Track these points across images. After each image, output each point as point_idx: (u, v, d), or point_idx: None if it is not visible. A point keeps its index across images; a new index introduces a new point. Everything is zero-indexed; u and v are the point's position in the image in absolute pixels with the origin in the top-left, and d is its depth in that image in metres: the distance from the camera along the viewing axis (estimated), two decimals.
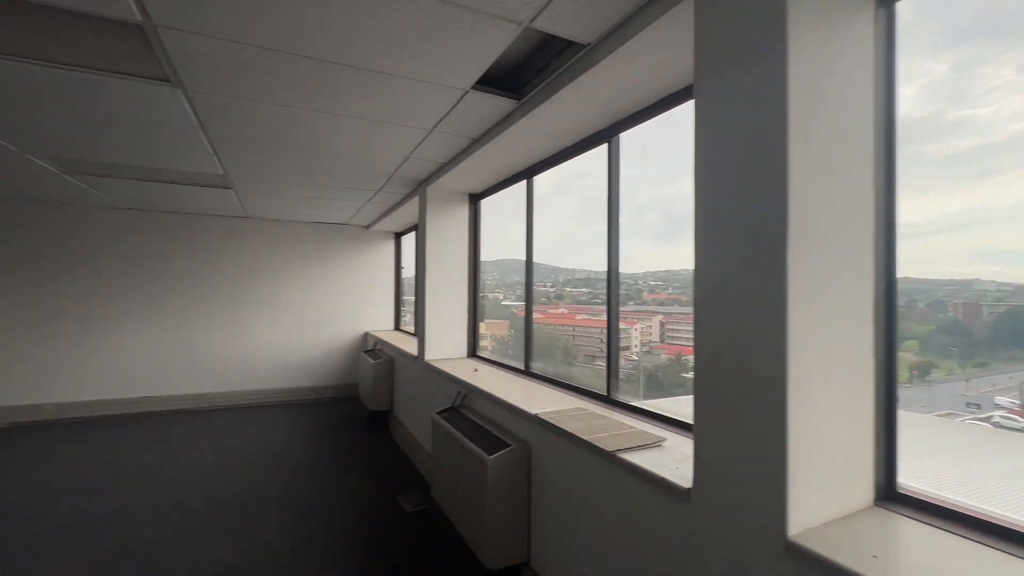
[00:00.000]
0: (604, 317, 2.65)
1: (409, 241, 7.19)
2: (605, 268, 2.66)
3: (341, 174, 4.08)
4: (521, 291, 3.88)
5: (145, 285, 5.90)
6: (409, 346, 5.12)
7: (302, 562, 2.74)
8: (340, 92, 2.45)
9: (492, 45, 1.99)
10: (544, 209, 3.72)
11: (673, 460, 1.68)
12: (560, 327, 3.81)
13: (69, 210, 5.56)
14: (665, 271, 3.25)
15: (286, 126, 2.94)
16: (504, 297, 4.76)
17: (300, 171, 4.00)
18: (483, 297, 4.46)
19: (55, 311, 5.51)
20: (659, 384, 2.91)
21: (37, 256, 5.45)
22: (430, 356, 4.16)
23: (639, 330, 3.17)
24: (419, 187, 4.40)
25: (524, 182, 3.56)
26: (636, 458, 1.71)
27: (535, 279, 3.58)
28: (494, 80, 2.42)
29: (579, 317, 3.85)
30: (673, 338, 3.03)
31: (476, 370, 3.64)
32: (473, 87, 2.39)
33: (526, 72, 2.40)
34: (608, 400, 2.57)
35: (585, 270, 4.03)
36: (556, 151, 3.11)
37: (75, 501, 3.46)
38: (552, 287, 4.29)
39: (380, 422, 5.44)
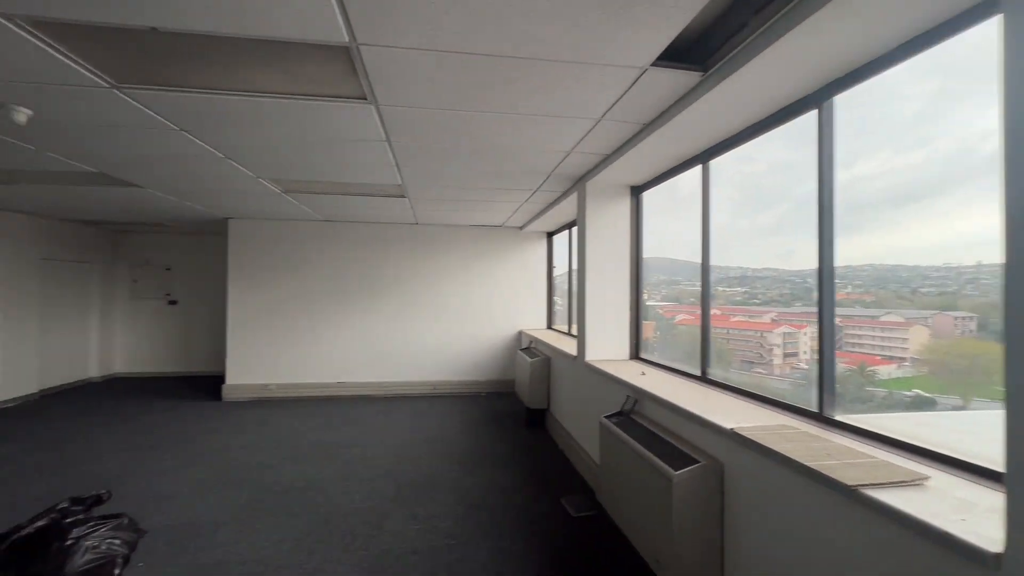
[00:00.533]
0: (765, 319, 2.20)
1: (560, 241, 7.17)
2: (766, 265, 2.30)
3: (503, 175, 4.17)
4: (667, 291, 3.85)
5: (338, 288, 6.83)
6: (565, 345, 5.06)
7: (478, 553, 2.82)
8: (511, 87, 2.43)
9: (685, 8, 1.76)
10: (688, 203, 3.52)
11: (950, 507, 1.28)
12: (714, 330, 3.51)
13: (288, 225, 6.70)
14: (843, 267, 3.01)
15: (457, 130, 3.06)
16: (648, 297, 4.44)
17: (466, 175, 4.19)
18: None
19: (280, 308, 6.68)
20: (838, 398, 2.40)
21: (268, 265, 6.67)
22: (591, 356, 4.02)
23: (808, 334, 2.89)
24: (577, 183, 4.30)
25: (698, 168, 3.22)
26: (892, 499, 1.34)
27: (679, 277, 3.20)
28: (674, 53, 2.18)
29: (734, 319, 3.66)
30: (855, 345, 2.66)
31: (643, 373, 3.39)
32: (653, 64, 2.18)
33: (714, 38, 2.11)
34: (821, 418, 2.14)
35: (740, 267, 3.81)
36: (739, 129, 2.73)
37: (291, 468, 4.09)
38: (699, 286, 3.97)
39: (537, 420, 5.48)
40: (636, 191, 4.12)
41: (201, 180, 4.39)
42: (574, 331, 5.83)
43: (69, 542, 2.55)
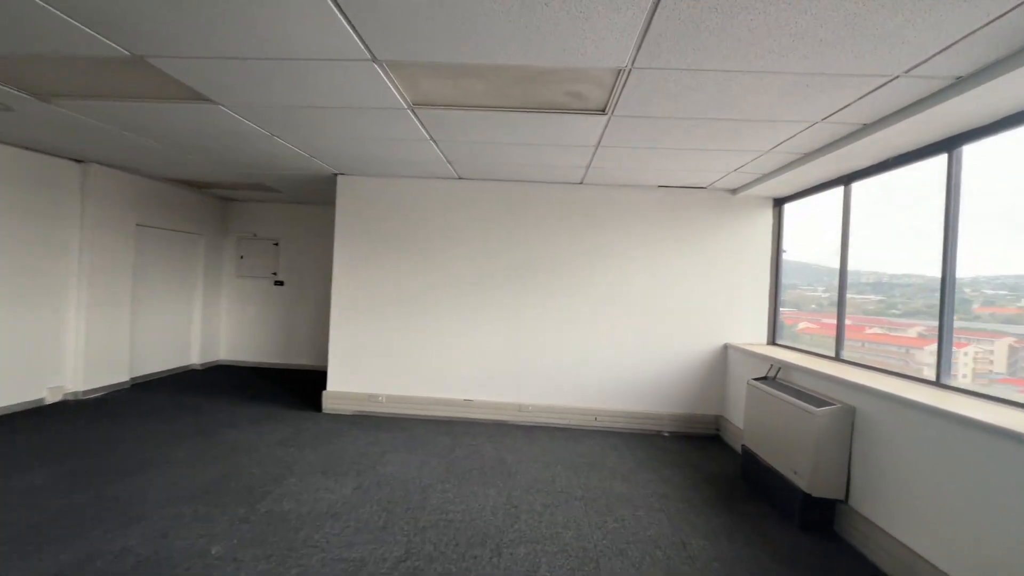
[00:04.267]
0: (910, 333, 3.10)
1: (798, 210, 4.68)
2: (905, 271, 3.06)
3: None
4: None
5: (472, 273, 5.00)
6: (884, 383, 2.71)
7: None
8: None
9: None
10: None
11: None
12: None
13: (411, 185, 5.01)
14: (1015, 276, 2.59)
15: None
16: None
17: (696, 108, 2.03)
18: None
19: (397, 297, 5.03)
20: None
21: (383, 238, 5.04)
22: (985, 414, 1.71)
23: (971, 355, 2.72)
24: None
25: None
26: None
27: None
28: None
29: (869, 331, 3.65)
30: None
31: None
32: None
33: None
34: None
35: (874, 272, 3.73)
36: None
37: (389, 494, 2.23)
38: (825, 291, 4.10)
39: (822, 514, 3.11)
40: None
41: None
42: (849, 354, 3.42)
43: None
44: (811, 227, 4.63)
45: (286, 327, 7.21)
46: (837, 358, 3.71)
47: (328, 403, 5.02)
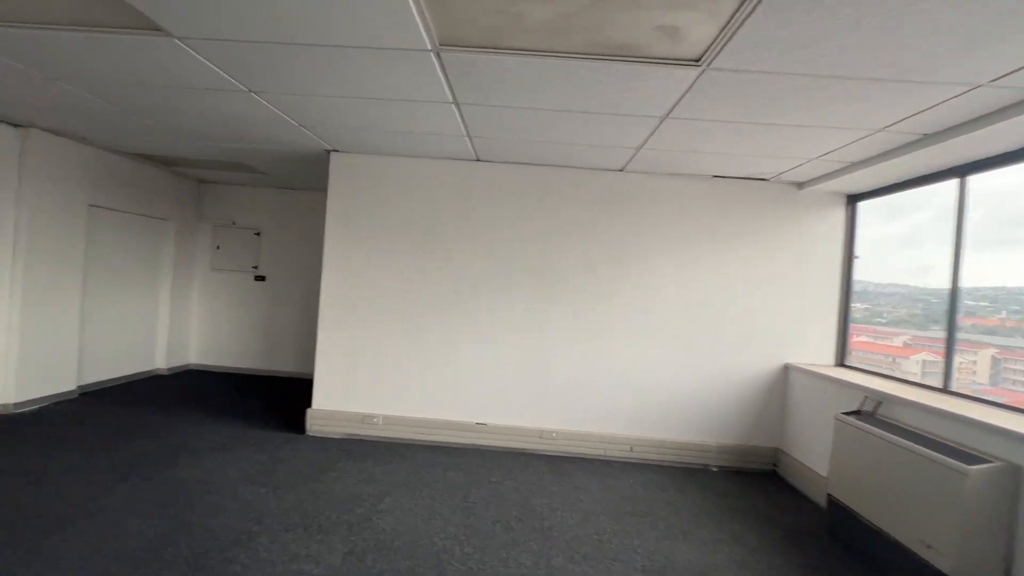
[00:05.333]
0: (893, 342, 3.41)
1: (873, 209, 3.98)
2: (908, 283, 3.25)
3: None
4: None
5: (488, 275, 4.22)
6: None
7: None
8: None
9: None
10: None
11: None
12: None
13: (418, 166, 4.21)
14: (995, 288, 2.74)
15: None
16: None
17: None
18: None
19: (396, 299, 4.23)
20: None
21: (383, 228, 4.24)
22: None
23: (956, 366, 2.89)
24: None
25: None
26: None
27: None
28: None
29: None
30: (1017, 382, 2.54)
31: None
32: None
33: None
34: None
35: (860, 281, 3.98)
36: None
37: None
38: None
39: None
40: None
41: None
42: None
43: None
44: (889, 228, 3.95)
45: (267, 328, 6.35)
46: (946, 390, 3.01)
47: (313, 424, 4.20)
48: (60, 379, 4.60)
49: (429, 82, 2.58)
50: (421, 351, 4.21)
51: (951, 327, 2.96)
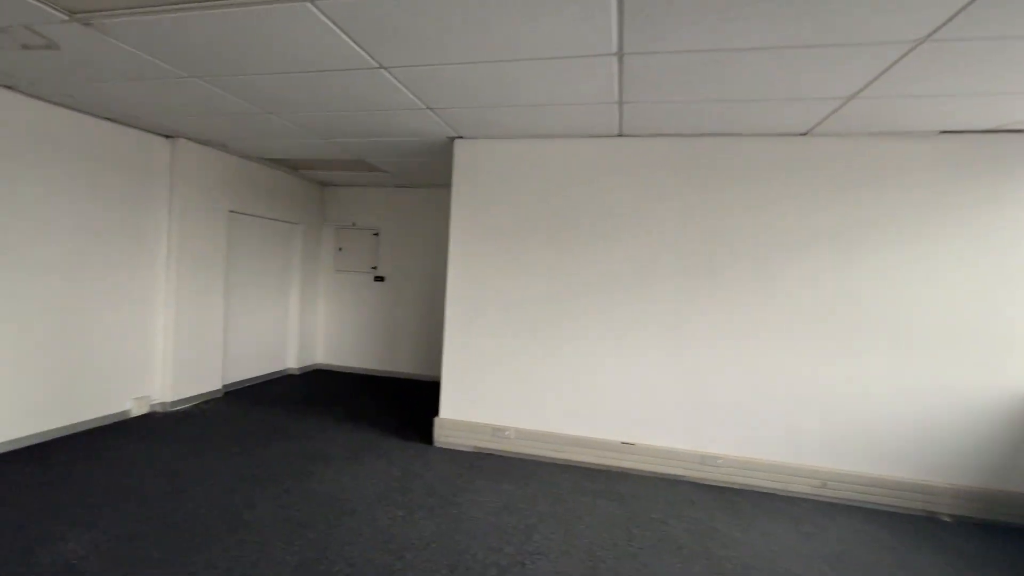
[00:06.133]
0: None
1: None
2: None
3: None
4: None
5: (638, 271, 3.61)
6: None
7: None
8: None
9: None
10: None
11: None
12: None
13: (551, 147, 3.73)
14: None
15: None
16: None
17: None
18: None
19: (531, 301, 3.80)
20: None
21: (513, 222, 3.82)
22: None
23: None
24: None
25: None
26: None
27: None
28: None
29: None
30: None
31: None
32: None
33: None
34: None
35: None
36: None
37: None
38: None
39: None
40: None
41: None
42: None
43: None
44: None
45: (387, 329, 6.31)
46: None
47: (441, 434, 3.90)
48: (208, 379, 4.81)
49: (595, 26, 2.04)
50: (556, 357, 3.72)
51: None
